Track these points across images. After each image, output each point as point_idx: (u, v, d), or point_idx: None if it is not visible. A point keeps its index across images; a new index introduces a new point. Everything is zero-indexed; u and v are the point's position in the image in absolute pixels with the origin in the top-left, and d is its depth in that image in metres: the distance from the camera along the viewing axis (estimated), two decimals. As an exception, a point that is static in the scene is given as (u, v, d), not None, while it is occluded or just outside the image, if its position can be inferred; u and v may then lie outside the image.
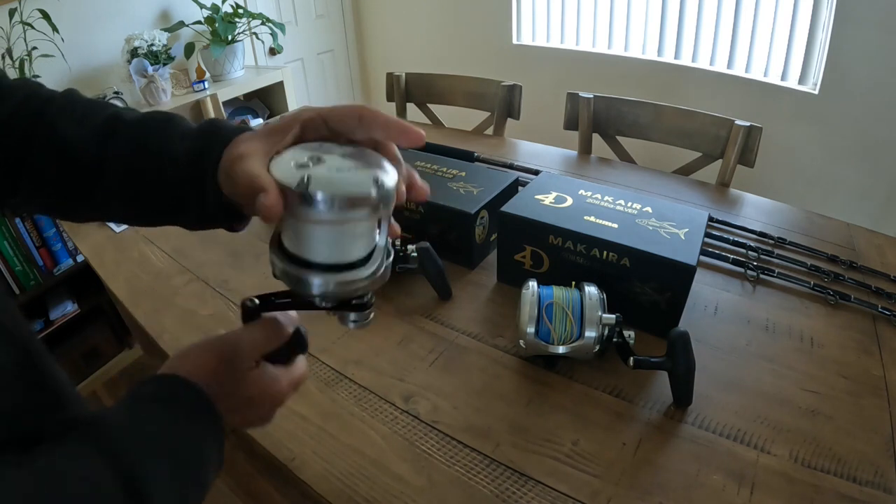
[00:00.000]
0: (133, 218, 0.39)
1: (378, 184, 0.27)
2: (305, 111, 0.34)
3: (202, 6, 1.98)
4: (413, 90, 1.56)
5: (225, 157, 0.32)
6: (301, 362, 0.39)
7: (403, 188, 0.33)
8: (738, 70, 1.87)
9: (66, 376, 0.31)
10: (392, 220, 0.31)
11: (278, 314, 0.37)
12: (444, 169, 0.87)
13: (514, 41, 2.41)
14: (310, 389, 0.60)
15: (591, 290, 0.59)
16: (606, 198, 0.72)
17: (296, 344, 0.37)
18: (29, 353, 0.29)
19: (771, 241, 0.83)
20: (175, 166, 0.34)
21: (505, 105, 1.39)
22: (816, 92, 1.66)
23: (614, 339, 0.57)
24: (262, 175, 0.28)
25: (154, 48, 1.84)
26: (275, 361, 0.37)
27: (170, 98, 1.92)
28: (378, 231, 0.31)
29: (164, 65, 1.87)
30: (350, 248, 0.29)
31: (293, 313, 0.38)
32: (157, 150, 0.34)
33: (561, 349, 0.57)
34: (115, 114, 0.36)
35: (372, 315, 0.36)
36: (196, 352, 0.34)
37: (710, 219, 0.85)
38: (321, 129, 0.33)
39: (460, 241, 0.78)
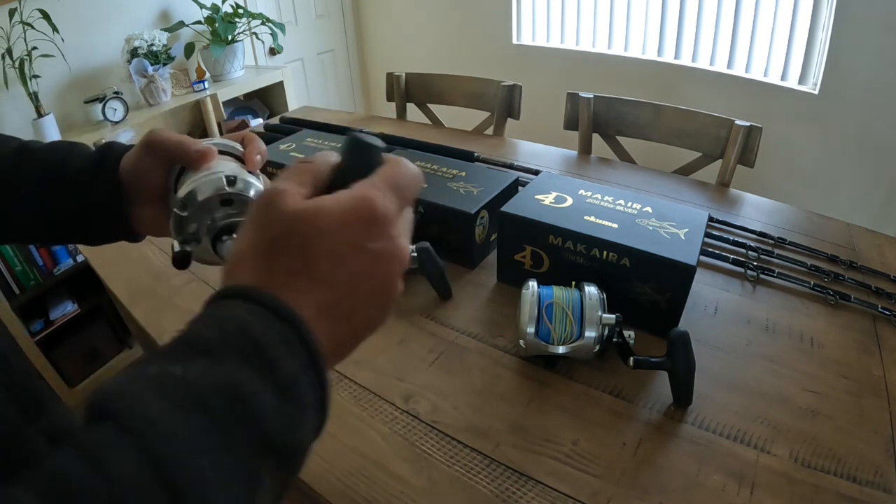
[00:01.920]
0: (39, 235, 0.43)
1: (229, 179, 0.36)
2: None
3: (202, 6, 1.98)
4: (413, 90, 1.56)
5: (129, 153, 0.39)
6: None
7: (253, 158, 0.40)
8: (738, 70, 1.87)
9: (45, 385, 0.31)
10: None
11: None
12: (444, 169, 0.87)
13: (514, 41, 2.41)
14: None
15: (591, 290, 0.59)
16: (606, 198, 0.72)
17: (357, 143, 0.27)
18: (15, 370, 0.29)
19: (771, 241, 0.83)
20: (75, 182, 0.39)
21: (505, 105, 1.39)
22: (816, 92, 1.66)
23: (614, 339, 0.57)
24: (189, 137, 0.37)
25: (154, 48, 1.84)
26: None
27: (170, 98, 1.92)
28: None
29: (164, 65, 1.87)
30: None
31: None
32: (62, 164, 0.39)
33: (561, 349, 0.57)
34: (23, 144, 0.41)
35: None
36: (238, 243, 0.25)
37: (710, 219, 0.85)
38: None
39: (460, 241, 0.78)
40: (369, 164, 0.27)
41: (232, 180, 0.36)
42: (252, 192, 0.37)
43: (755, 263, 0.76)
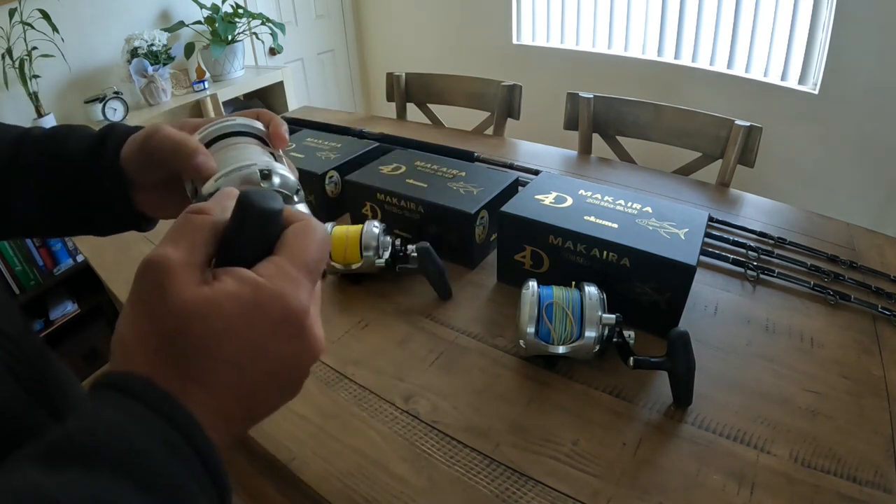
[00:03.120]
0: (45, 225, 0.40)
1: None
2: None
3: (202, 6, 1.98)
4: (413, 90, 1.56)
5: (131, 139, 0.36)
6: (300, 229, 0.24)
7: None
8: (738, 70, 1.87)
9: (71, 375, 0.29)
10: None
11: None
12: (444, 169, 0.87)
13: (514, 41, 2.41)
14: (310, 390, 0.60)
15: (591, 290, 0.59)
16: (606, 198, 0.72)
17: (250, 211, 0.23)
18: (26, 354, 0.28)
19: (771, 241, 0.83)
20: (73, 165, 0.36)
21: (505, 105, 1.39)
22: (816, 92, 1.66)
23: (614, 339, 0.57)
24: (189, 139, 0.32)
25: (154, 48, 1.84)
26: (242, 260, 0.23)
27: (170, 98, 1.92)
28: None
29: (164, 65, 1.87)
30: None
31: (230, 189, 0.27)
32: (58, 153, 0.37)
33: (561, 349, 0.57)
34: (22, 133, 0.38)
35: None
36: (122, 324, 0.21)
37: (710, 219, 0.85)
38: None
39: (460, 241, 0.78)
40: (268, 231, 0.24)
41: (266, 174, 0.32)
42: (288, 184, 0.33)
43: (755, 263, 0.76)
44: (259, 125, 0.36)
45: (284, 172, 0.33)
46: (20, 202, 0.37)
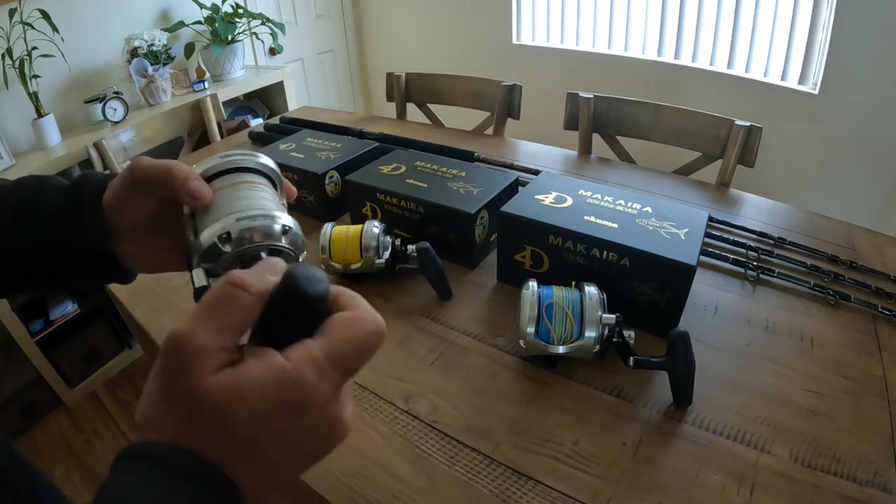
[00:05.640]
0: (19, 279, 0.36)
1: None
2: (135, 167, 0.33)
3: (202, 6, 1.98)
4: (413, 90, 1.56)
5: (111, 184, 0.33)
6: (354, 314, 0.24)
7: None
8: (738, 70, 1.87)
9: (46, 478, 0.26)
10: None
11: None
12: (444, 169, 0.87)
13: (514, 41, 2.41)
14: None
15: (591, 290, 0.59)
16: (606, 198, 0.72)
17: (297, 294, 0.22)
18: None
19: (771, 241, 0.83)
20: (53, 209, 0.34)
21: (505, 105, 1.39)
22: (816, 92, 1.66)
23: (614, 339, 0.57)
24: (179, 163, 0.31)
25: (154, 48, 1.84)
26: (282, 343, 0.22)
27: (170, 98, 1.92)
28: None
29: (164, 65, 1.87)
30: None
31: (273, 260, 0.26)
32: (34, 201, 0.34)
33: (561, 349, 0.57)
34: None
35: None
36: (147, 407, 0.22)
37: (710, 219, 0.85)
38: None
39: (460, 241, 0.78)
40: (311, 314, 0.23)
41: (287, 230, 0.30)
42: (298, 242, 0.31)
43: (755, 263, 0.76)
44: (267, 162, 0.34)
45: (298, 230, 0.31)
46: None
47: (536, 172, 1.02)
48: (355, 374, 0.23)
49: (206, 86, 2.00)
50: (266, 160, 0.34)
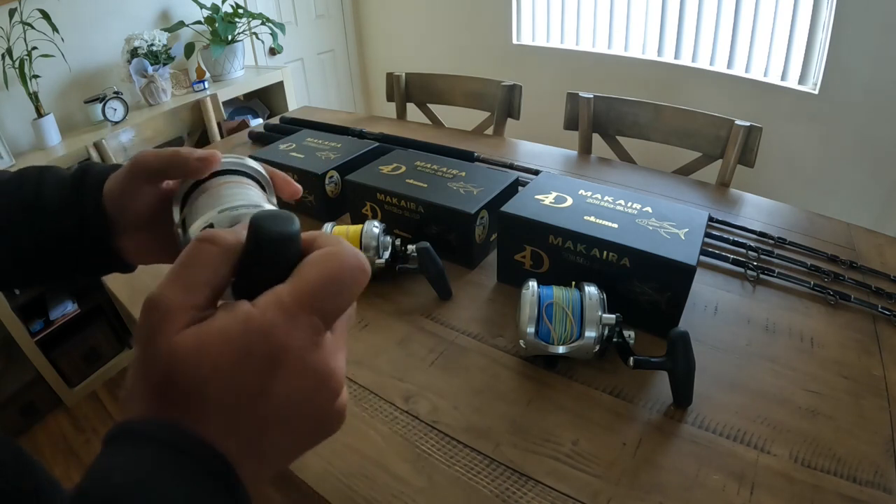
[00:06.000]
0: (20, 272, 0.36)
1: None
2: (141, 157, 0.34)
3: (202, 6, 1.98)
4: (413, 90, 1.56)
5: (115, 174, 0.34)
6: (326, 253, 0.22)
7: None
8: (738, 70, 1.87)
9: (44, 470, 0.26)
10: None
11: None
12: (444, 169, 0.87)
13: (514, 41, 2.41)
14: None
15: (591, 290, 0.59)
16: (606, 198, 0.72)
17: (261, 236, 0.21)
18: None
19: (771, 241, 0.83)
20: (52, 201, 0.34)
21: (505, 105, 1.39)
22: (816, 92, 1.66)
23: (614, 339, 0.57)
24: (182, 148, 0.32)
25: (154, 48, 1.84)
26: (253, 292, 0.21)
27: (170, 98, 1.92)
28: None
29: (164, 65, 1.87)
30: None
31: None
32: (34, 193, 0.34)
33: (561, 349, 0.57)
34: None
35: None
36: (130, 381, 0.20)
37: (710, 219, 0.85)
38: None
39: (460, 241, 0.78)
40: (284, 259, 0.21)
41: None
42: None
43: (755, 263, 0.76)
44: (255, 165, 0.34)
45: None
46: None
47: (536, 172, 1.02)
48: (337, 316, 0.21)
49: (206, 86, 2.00)
50: (253, 163, 0.35)
